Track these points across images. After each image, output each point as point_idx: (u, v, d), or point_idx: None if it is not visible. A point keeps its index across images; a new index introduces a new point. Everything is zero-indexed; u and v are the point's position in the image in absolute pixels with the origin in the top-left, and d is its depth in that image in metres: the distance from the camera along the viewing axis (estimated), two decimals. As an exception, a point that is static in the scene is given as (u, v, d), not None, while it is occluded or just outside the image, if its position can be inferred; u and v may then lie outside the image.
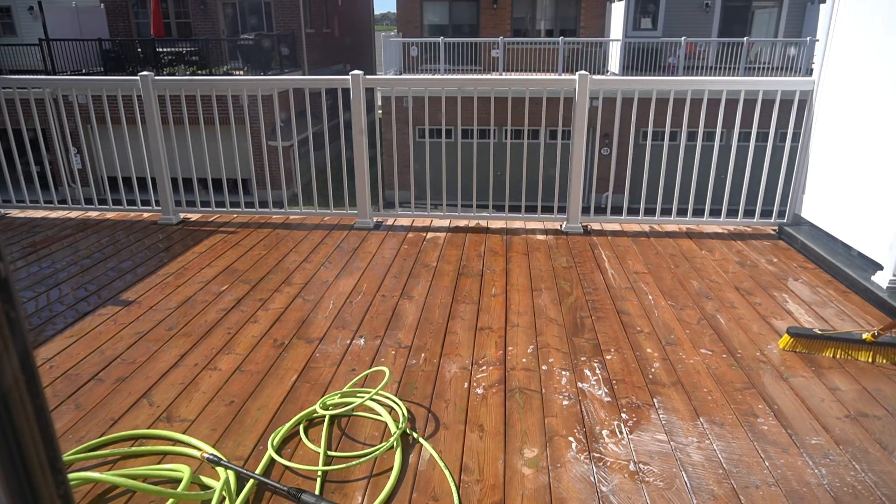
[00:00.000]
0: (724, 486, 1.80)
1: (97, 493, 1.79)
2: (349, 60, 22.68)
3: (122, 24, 18.68)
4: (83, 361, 2.52)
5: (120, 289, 3.26)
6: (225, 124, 4.44)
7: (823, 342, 2.55)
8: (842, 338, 2.54)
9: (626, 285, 3.26)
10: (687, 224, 4.24)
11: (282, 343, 2.66)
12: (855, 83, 3.44)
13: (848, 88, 3.52)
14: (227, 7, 18.98)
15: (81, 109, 4.34)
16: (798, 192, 4.01)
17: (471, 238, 4.03)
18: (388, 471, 1.86)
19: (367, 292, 3.19)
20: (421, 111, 4.86)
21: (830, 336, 2.54)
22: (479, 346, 2.62)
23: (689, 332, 2.75)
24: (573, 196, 4.13)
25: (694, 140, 4.02)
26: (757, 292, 3.16)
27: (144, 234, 4.17)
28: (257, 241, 4.00)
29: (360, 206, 4.29)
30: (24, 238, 4.09)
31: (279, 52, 17.25)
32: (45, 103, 4.46)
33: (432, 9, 18.31)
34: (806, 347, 2.57)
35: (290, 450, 1.98)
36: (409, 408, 2.19)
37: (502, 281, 3.33)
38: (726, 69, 15.68)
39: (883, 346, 2.48)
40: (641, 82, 4.73)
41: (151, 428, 2.08)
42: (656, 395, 2.26)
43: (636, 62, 15.89)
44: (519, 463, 1.90)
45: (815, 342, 2.56)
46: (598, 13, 17.69)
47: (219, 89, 4.39)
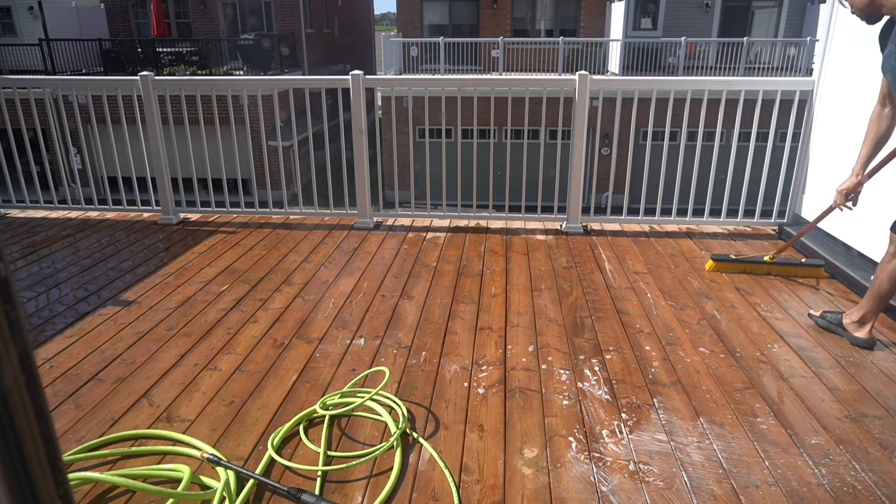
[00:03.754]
0: (724, 485, 1.80)
1: (97, 493, 1.79)
2: (349, 60, 22.68)
3: (122, 24, 18.68)
4: (83, 361, 2.52)
5: (120, 289, 3.26)
6: (225, 124, 4.44)
7: (738, 264, 3.38)
8: (750, 260, 3.38)
9: (626, 285, 3.26)
10: (687, 224, 4.24)
11: (282, 343, 2.66)
12: (855, 83, 3.44)
13: (848, 88, 3.52)
14: (227, 7, 18.98)
15: (81, 109, 4.34)
16: (798, 192, 4.02)
17: (471, 238, 4.03)
18: (388, 471, 1.86)
19: (367, 292, 3.19)
20: (421, 111, 4.86)
21: (741, 259, 3.39)
22: (479, 346, 2.62)
23: (688, 331, 2.75)
24: (573, 196, 4.14)
25: (694, 140, 4.02)
26: (757, 292, 3.16)
27: (144, 234, 4.17)
28: (257, 241, 4.00)
29: (360, 206, 4.29)
30: (24, 238, 4.09)
31: (279, 52, 17.24)
32: (45, 103, 4.47)
33: (432, 9, 18.31)
34: (725, 268, 3.39)
35: (290, 450, 1.98)
36: (409, 408, 2.19)
37: (502, 281, 3.33)
38: (726, 69, 15.68)
39: (777, 264, 3.33)
40: (641, 82, 4.73)
41: (151, 428, 2.08)
42: (656, 394, 2.27)
43: (636, 62, 15.90)
44: (519, 463, 1.90)
45: (731, 264, 3.39)
46: (598, 13, 17.69)
47: (219, 89, 4.39)
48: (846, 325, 2.63)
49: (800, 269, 3.31)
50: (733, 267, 3.37)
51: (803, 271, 3.31)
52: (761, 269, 3.34)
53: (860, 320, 2.57)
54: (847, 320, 2.63)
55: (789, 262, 3.33)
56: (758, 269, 3.34)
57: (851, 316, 2.62)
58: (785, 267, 3.32)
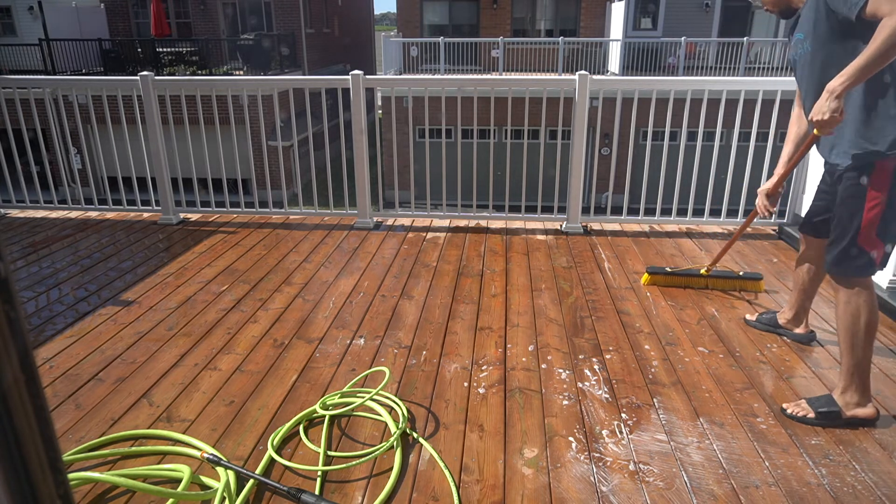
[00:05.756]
0: (724, 485, 1.80)
1: (97, 493, 1.79)
2: (349, 60, 22.68)
3: (122, 23, 18.68)
4: (83, 361, 2.52)
5: (120, 289, 3.26)
6: (225, 124, 4.44)
7: (674, 277, 3.20)
8: (686, 273, 3.21)
9: (626, 285, 3.26)
10: (687, 224, 4.24)
11: (282, 343, 2.66)
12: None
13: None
14: (227, 7, 18.98)
15: (81, 109, 4.34)
16: (798, 192, 4.01)
17: (471, 238, 4.03)
18: (388, 471, 1.86)
19: (367, 292, 3.19)
20: (421, 111, 4.86)
21: (677, 272, 3.21)
22: (479, 345, 2.62)
23: (688, 332, 2.75)
24: (573, 196, 4.14)
25: (694, 140, 4.01)
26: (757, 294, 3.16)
27: (144, 234, 4.17)
28: (257, 241, 4.00)
29: (360, 206, 4.29)
30: (24, 238, 4.09)
31: (279, 52, 17.24)
32: (45, 103, 4.47)
33: (432, 9, 18.31)
34: (661, 282, 3.22)
35: (290, 450, 1.98)
36: (409, 408, 2.19)
37: (502, 281, 3.33)
38: (726, 69, 15.68)
39: (713, 277, 3.16)
40: (641, 82, 4.72)
41: (151, 428, 2.08)
42: (656, 395, 2.27)
43: (636, 62, 15.90)
44: (519, 463, 1.90)
45: (667, 277, 3.21)
46: (598, 13, 17.69)
47: (219, 89, 4.39)
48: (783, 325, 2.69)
49: (737, 281, 3.15)
50: (669, 280, 3.20)
51: (741, 284, 3.15)
52: (699, 283, 3.17)
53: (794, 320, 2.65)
54: (782, 320, 2.69)
55: (727, 275, 3.15)
56: (695, 283, 3.17)
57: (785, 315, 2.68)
58: (722, 280, 3.15)
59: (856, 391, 2.09)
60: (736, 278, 3.15)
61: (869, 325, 2.05)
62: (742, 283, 3.15)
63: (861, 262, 2.04)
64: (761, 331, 2.74)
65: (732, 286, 3.14)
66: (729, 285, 3.15)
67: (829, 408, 2.09)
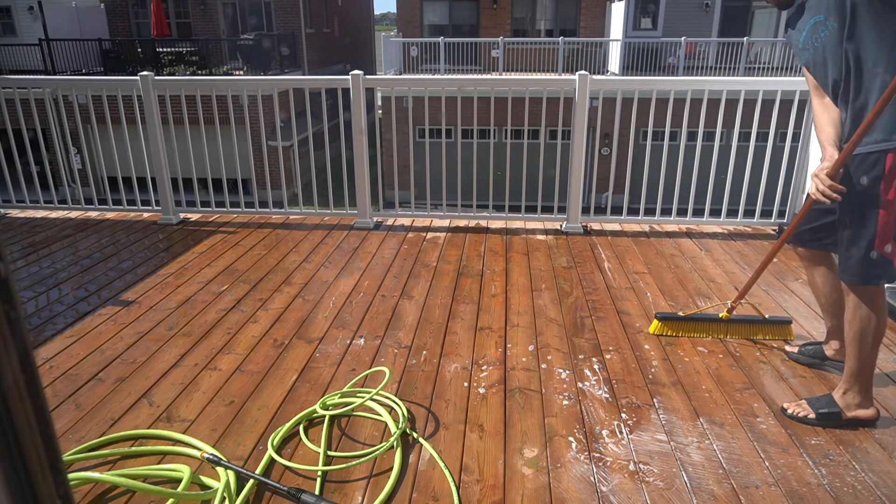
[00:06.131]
0: (724, 486, 1.80)
1: (97, 493, 1.79)
2: (349, 60, 22.68)
3: (122, 24, 18.68)
4: (83, 361, 2.52)
5: (120, 289, 3.26)
6: (225, 124, 4.44)
7: (688, 323, 2.71)
8: (702, 318, 2.72)
9: (626, 285, 3.26)
10: (687, 224, 4.24)
11: (282, 343, 2.66)
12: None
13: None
14: (227, 7, 18.98)
15: (81, 109, 4.34)
16: (798, 192, 4.02)
17: (471, 238, 4.03)
18: (388, 471, 1.86)
19: (367, 292, 3.19)
20: (421, 111, 4.86)
21: (691, 317, 2.71)
22: (479, 345, 2.62)
23: (689, 332, 2.74)
24: (573, 196, 4.14)
25: (694, 140, 4.02)
26: (757, 292, 3.16)
27: (144, 234, 4.17)
28: (257, 241, 4.00)
29: (360, 206, 4.29)
30: (24, 238, 4.09)
31: (279, 52, 17.24)
32: (45, 103, 4.47)
33: (432, 9, 18.31)
34: (673, 330, 2.72)
35: (290, 450, 1.98)
36: (409, 408, 2.19)
37: (502, 281, 3.33)
38: (726, 69, 15.68)
39: (733, 322, 2.69)
40: (641, 82, 4.72)
41: (151, 428, 2.08)
42: (656, 395, 2.27)
43: (636, 62, 15.90)
44: (519, 463, 1.90)
45: (680, 324, 2.72)
46: (598, 13, 17.69)
47: (219, 89, 4.39)
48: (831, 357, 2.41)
49: (763, 327, 2.69)
50: (682, 329, 2.72)
51: (767, 330, 2.69)
52: (718, 332, 2.70)
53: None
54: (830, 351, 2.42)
55: (751, 320, 2.69)
56: (713, 332, 2.71)
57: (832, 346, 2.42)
58: (746, 326, 2.69)
59: (858, 393, 2.06)
60: (761, 323, 2.69)
61: (878, 331, 1.98)
62: (769, 329, 2.69)
63: (880, 270, 1.91)
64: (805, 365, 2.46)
65: (757, 333, 2.69)
66: (753, 333, 2.70)
67: (829, 409, 2.08)
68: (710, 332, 2.71)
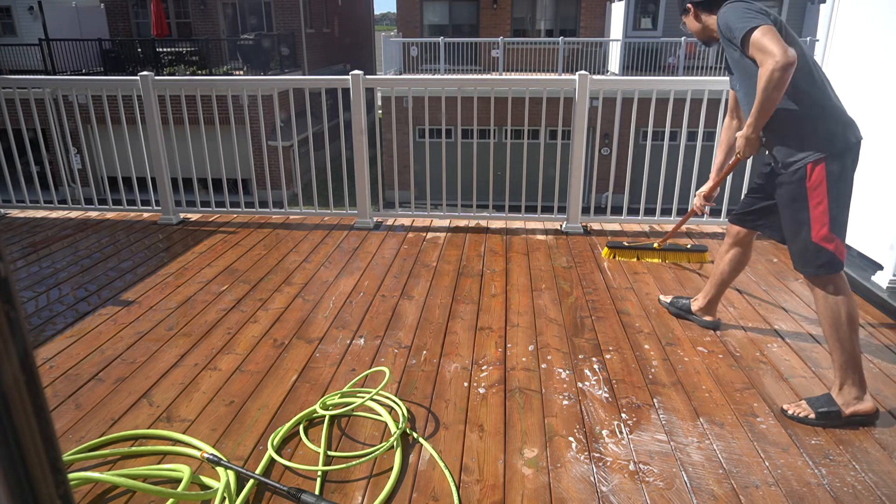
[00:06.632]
0: (724, 486, 1.80)
1: (97, 493, 1.79)
2: (349, 60, 22.67)
3: (122, 24, 18.68)
4: (83, 361, 2.52)
5: (120, 289, 3.26)
6: (225, 124, 4.44)
7: (631, 251, 3.62)
8: (641, 247, 3.62)
9: (626, 285, 3.26)
10: (687, 224, 4.23)
11: (282, 343, 2.66)
12: (854, 83, 3.44)
13: (848, 88, 3.51)
14: (227, 7, 18.97)
15: (81, 109, 4.34)
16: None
17: (471, 238, 4.03)
18: (388, 471, 1.86)
19: (367, 292, 3.19)
20: (421, 111, 4.86)
21: (634, 246, 3.63)
22: (479, 345, 2.62)
23: (688, 332, 2.75)
24: (573, 196, 4.14)
25: (694, 140, 4.01)
26: (757, 292, 3.16)
27: (144, 234, 4.17)
28: (257, 241, 4.00)
29: (360, 206, 4.29)
30: (24, 238, 4.09)
31: (279, 52, 17.24)
32: (45, 103, 4.47)
33: (432, 9, 18.31)
34: (619, 255, 3.62)
35: (290, 450, 1.98)
36: (409, 408, 2.19)
37: (502, 281, 3.33)
38: (726, 69, 15.65)
39: (665, 250, 3.59)
40: (641, 82, 4.72)
41: (151, 428, 2.08)
42: (656, 395, 2.27)
43: (636, 62, 15.89)
44: (519, 463, 1.90)
45: (625, 251, 3.63)
46: (598, 13, 17.69)
47: (219, 89, 4.39)
48: (695, 311, 2.82)
49: (685, 254, 3.58)
50: (626, 254, 3.62)
51: (689, 256, 3.58)
52: (653, 256, 3.59)
53: (706, 308, 2.78)
54: (695, 307, 2.81)
55: (676, 248, 3.60)
56: (649, 256, 3.59)
57: (698, 303, 2.80)
58: (673, 253, 3.58)
59: (853, 385, 2.10)
60: (684, 251, 3.59)
61: (850, 318, 2.09)
62: (690, 255, 3.58)
63: (823, 260, 2.09)
64: (672, 314, 2.90)
65: (681, 259, 3.58)
66: (679, 258, 3.58)
67: (829, 408, 2.10)
68: (648, 256, 3.60)
